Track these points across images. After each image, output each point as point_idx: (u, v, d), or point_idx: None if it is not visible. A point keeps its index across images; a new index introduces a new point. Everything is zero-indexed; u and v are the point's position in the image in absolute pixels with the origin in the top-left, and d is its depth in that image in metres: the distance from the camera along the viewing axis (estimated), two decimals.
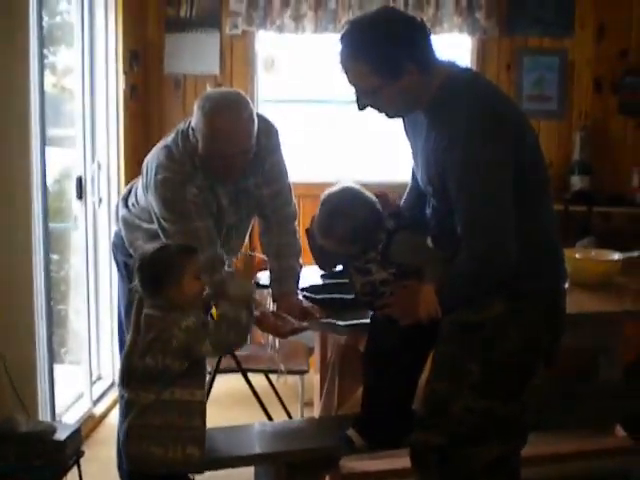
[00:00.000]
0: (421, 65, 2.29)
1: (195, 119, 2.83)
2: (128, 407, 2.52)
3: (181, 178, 2.86)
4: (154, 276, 2.52)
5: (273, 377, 4.10)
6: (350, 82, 2.37)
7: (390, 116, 2.46)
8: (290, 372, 3.93)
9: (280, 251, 3.21)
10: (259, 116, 2.94)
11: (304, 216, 5.18)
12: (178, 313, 2.47)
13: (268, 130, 3.06)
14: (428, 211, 2.55)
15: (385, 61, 2.27)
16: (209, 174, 2.92)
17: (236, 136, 2.81)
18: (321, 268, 2.87)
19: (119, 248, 3.24)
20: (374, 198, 2.57)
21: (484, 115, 2.25)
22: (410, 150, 2.59)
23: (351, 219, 2.52)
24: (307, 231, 2.77)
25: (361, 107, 2.40)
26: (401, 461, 2.81)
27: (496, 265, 2.29)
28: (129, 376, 2.50)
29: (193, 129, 2.86)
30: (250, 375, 3.89)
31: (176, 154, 2.89)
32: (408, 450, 2.58)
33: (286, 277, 3.15)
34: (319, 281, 3.39)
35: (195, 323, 2.45)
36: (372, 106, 2.40)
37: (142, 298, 2.54)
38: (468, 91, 2.32)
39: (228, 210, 3.05)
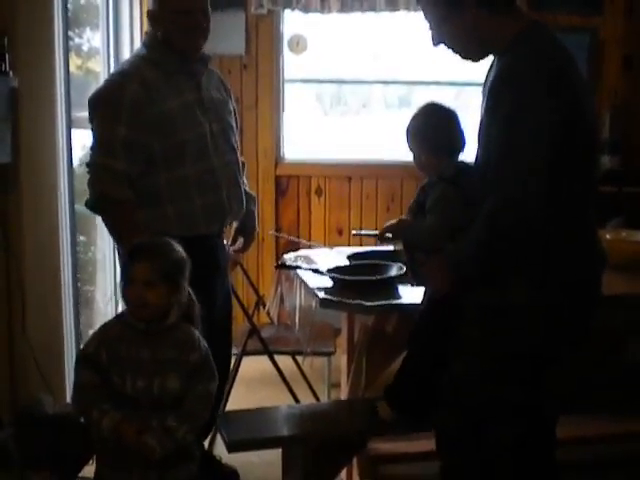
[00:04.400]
0: (481, 2, 2.31)
1: None
2: None
3: (121, 79, 2.93)
4: None
5: (300, 359, 4.09)
6: (424, 15, 2.43)
7: (463, 57, 2.45)
8: (316, 354, 3.91)
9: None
10: None
11: (330, 196, 5.20)
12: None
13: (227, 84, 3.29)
14: None
15: None
16: (174, 64, 2.98)
17: None
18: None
19: None
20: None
21: (549, 71, 2.22)
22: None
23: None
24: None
25: (434, 43, 2.43)
26: (428, 443, 2.79)
27: (518, 208, 2.22)
28: None
29: (151, 12, 3.00)
30: (276, 357, 3.88)
31: (125, 64, 3.06)
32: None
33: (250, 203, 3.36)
34: (346, 262, 3.37)
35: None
36: (443, 43, 2.42)
37: None
38: (544, 43, 2.30)
39: (198, 110, 3.01)
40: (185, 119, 2.96)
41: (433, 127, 2.73)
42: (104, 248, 4.47)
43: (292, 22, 5.21)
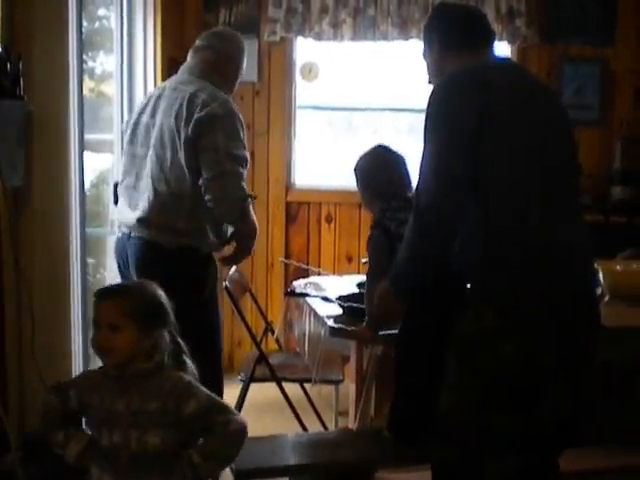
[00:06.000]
0: (443, 40, 2.59)
1: (232, 48, 3.41)
2: None
3: (230, 102, 3.25)
4: None
5: (308, 386, 4.07)
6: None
7: None
8: (325, 382, 3.89)
9: None
10: None
11: (340, 223, 5.20)
12: None
13: None
14: None
15: (425, 30, 2.70)
16: None
17: None
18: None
19: (183, 264, 3.21)
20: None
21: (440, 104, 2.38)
22: None
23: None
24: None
25: (428, 80, 2.69)
26: None
27: (427, 220, 2.35)
28: None
29: (230, 57, 3.40)
30: (284, 384, 3.86)
31: (218, 91, 3.25)
32: None
33: None
34: (356, 290, 3.37)
35: None
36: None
37: None
38: (449, 77, 2.45)
39: None
40: None
41: (376, 170, 3.08)
42: (113, 270, 4.47)
43: (304, 49, 5.24)
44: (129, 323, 2.11)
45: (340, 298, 3.23)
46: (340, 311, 3.18)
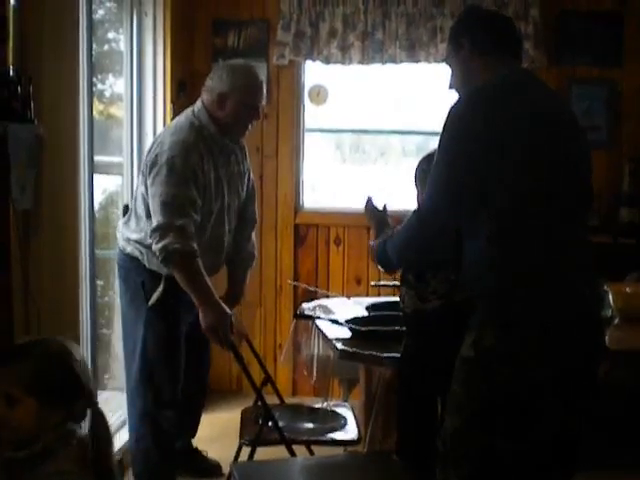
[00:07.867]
0: (473, 45, 2.53)
1: (227, 81, 3.35)
2: None
3: (185, 148, 3.27)
4: None
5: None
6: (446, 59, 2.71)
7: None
8: (336, 443, 3.36)
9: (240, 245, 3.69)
10: None
11: (348, 245, 5.20)
12: None
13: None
14: None
15: (453, 34, 2.61)
16: (215, 140, 3.39)
17: (263, 87, 3.45)
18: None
19: (133, 269, 3.48)
20: None
21: (463, 118, 2.36)
22: None
23: None
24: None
25: (449, 86, 2.64)
26: None
27: (421, 229, 2.44)
28: None
29: (220, 94, 3.34)
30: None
31: (185, 133, 3.33)
32: None
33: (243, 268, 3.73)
34: (365, 313, 3.36)
35: None
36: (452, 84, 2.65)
37: None
38: (473, 92, 2.46)
39: (225, 185, 3.44)
40: (216, 192, 3.39)
41: None
42: None
43: (313, 73, 5.26)
44: (28, 396, 1.81)
45: (349, 321, 3.23)
46: (349, 334, 3.17)
